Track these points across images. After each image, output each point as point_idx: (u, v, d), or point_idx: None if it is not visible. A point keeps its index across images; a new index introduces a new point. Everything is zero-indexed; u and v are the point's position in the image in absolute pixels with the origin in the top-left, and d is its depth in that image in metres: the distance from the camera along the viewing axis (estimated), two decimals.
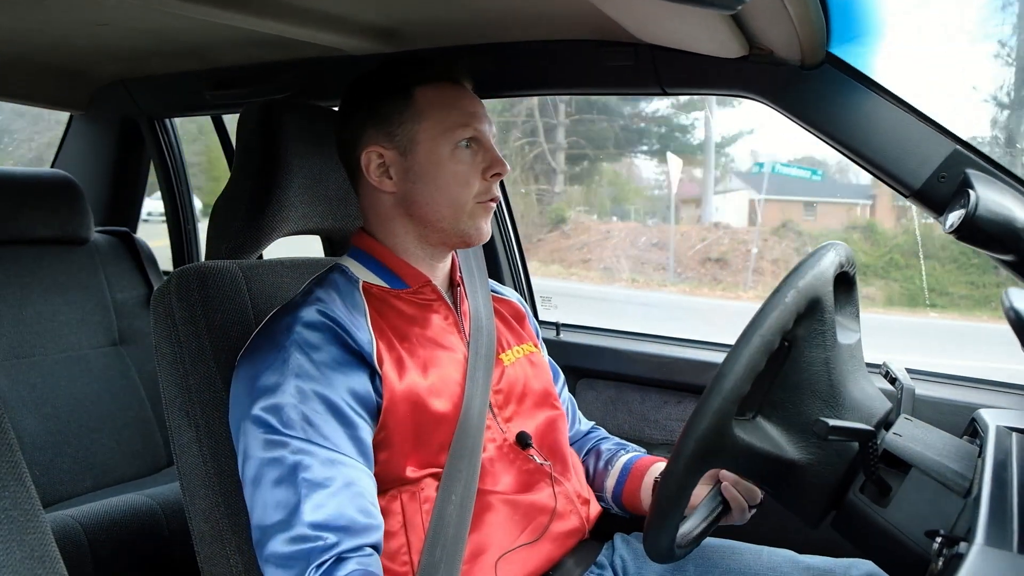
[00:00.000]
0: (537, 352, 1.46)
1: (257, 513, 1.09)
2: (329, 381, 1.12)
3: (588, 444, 1.54)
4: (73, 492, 1.93)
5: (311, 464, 1.07)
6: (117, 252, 2.25)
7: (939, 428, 1.11)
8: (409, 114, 1.25)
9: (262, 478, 1.08)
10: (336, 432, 1.10)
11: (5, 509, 0.71)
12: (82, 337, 2.09)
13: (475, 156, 1.27)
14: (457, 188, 1.25)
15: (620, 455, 1.47)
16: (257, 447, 1.09)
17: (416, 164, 1.25)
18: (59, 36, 1.84)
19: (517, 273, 2.19)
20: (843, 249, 1.10)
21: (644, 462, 1.43)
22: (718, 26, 1.24)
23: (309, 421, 1.09)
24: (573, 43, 1.61)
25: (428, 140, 1.25)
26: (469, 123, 1.25)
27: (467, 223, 1.27)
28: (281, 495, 1.06)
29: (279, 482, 1.07)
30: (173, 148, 2.59)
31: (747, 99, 1.50)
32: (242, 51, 1.89)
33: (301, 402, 1.10)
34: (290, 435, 1.08)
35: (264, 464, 1.08)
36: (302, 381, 1.11)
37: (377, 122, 1.27)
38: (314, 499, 1.05)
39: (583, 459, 1.52)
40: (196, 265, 1.27)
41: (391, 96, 1.27)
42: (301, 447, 1.08)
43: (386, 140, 1.26)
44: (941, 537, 0.86)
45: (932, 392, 1.59)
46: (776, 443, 1.04)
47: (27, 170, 2.14)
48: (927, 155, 1.34)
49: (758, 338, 0.96)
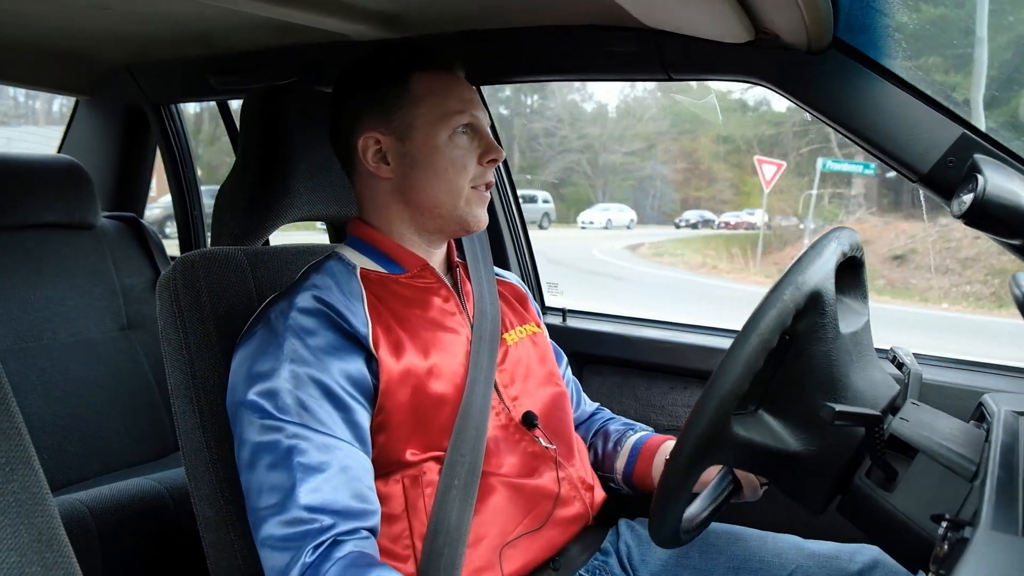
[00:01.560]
0: (540, 332, 1.46)
1: (252, 497, 1.10)
2: (324, 366, 1.12)
3: (595, 425, 1.55)
4: (81, 476, 1.94)
5: (306, 448, 1.08)
6: (124, 237, 2.25)
7: (946, 413, 1.11)
8: (406, 100, 1.26)
9: (257, 462, 1.09)
10: (331, 417, 1.11)
11: (13, 492, 0.71)
12: (90, 322, 2.10)
13: (471, 142, 1.28)
14: (454, 173, 1.26)
15: (629, 435, 1.48)
16: (252, 432, 1.10)
17: (414, 149, 1.26)
18: (64, 20, 1.84)
19: (523, 259, 2.19)
20: (847, 236, 1.10)
21: (654, 441, 1.44)
22: (723, 10, 1.23)
23: (304, 406, 1.10)
24: (577, 28, 1.60)
25: (426, 126, 1.25)
26: (465, 109, 1.26)
27: (464, 209, 1.28)
28: (276, 478, 1.07)
29: (273, 466, 1.08)
30: (178, 134, 2.59)
31: (753, 84, 1.49)
32: (246, 36, 1.89)
33: (296, 387, 1.10)
34: (285, 419, 1.09)
35: (259, 448, 1.09)
36: (297, 366, 1.11)
37: (374, 108, 1.27)
38: (309, 483, 1.06)
39: (590, 440, 1.52)
40: (201, 252, 1.27)
41: (388, 82, 1.27)
42: (296, 431, 1.08)
43: (383, 126, 1.26)
44: (947, 521, 0.86)
45: (939, 377, 1.59)
46: (778, 436, 1.04)
47: (34, 155, 2.14)
48: (935, 140, 1.33)
49: (756, 338, 0.95)
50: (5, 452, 0.72)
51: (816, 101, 1.42)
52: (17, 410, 0.75)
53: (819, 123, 1.43)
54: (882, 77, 1.36)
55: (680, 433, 0.97)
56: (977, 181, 1.22)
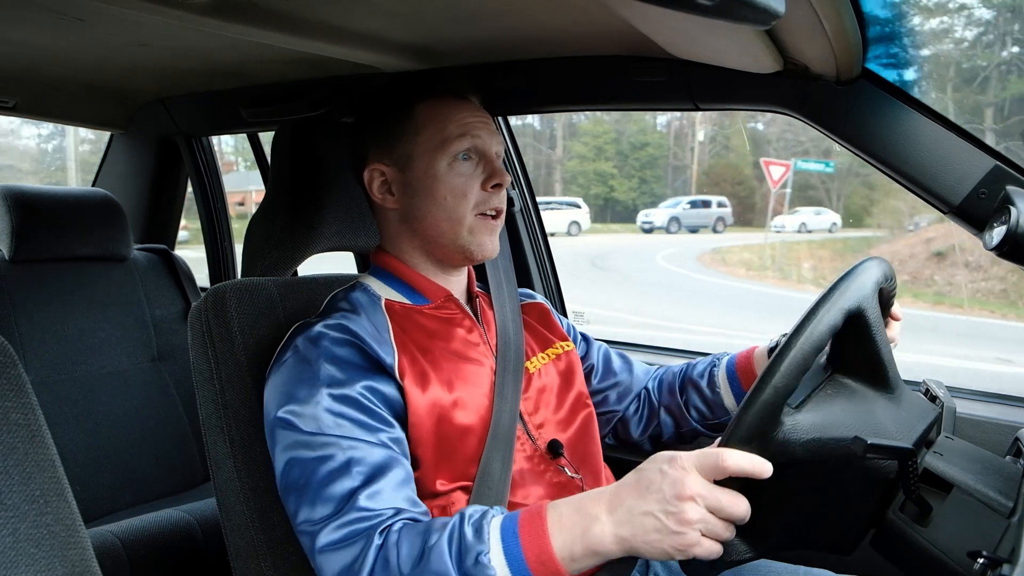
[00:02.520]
0: (563, 352, 1.45)
1: (304, 512, 1.08)
2: (360, 387, 1.13)
3: (674, 381, 1.53)
4: (113, 508, 1.95)
5: (361, 457, 1.07)
6: (156, 269, 2.28)
7: (981, 447, 1.09)
8: (408, 129, 1.27)
9: (310, 479, 1.08)
10: (375, 431, 1.11)
11: (47, 524, 0.72)
12: (122, 353, 2.12)
13: (475, 168, 1.27)
14: (454, 201, 1.25)
15: (716, 372, 1.47)
16: (303, 450, 1.09)
17: (414, 179, 1.26)
18: (102, 58, 1.87)
19: (548, 283, 2.19)
20: (884, 266, 1.09)
21: (744, 357, 1.44)
22: (752, 41, 1.24)
23: (350, 420, 1.10)
24: (605, 59, 1.61)
25: (425, 154, 1.26)
26: (466, 133, 1.26)
27: (467, 238, 1.27)
28: (331, 490, 1.06)
29: (328, 477, 1.07)
30: (210, 166, 2.63)
31: (782, 115, 1.49)
32: (277, 69, 1.92)
33: (338, 404, 1.11)
34: (334, 435, 1.09)
35: (312, 464, 1.08)
36: (335, 389, 1.12)
37: (379, 140, 1.29)
38: (367, 490, 1.05)
39: (682, 399, 1.50)
40: (232, 282, 1.28)
41: (392, 113, 1.28)
42: (349, 444, 1.08)
43: (387, 157, 1.28)
44: (984, 558, 0.84)
45: (974, 411, 1.56)
46: None
47: (69, 189, 2.18)
48: (966, 171, 1.32)
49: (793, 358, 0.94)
50: (40, 484, 0.72)
51: (845, 132, 1.41)
52: (51, 442, 0.76)
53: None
54: (912, 108, 1.36)
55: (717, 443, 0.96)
56: (1010, 213, 1.20)
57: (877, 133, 1.38)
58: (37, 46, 1.76)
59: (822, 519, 1.06)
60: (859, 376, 1.08)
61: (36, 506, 0.71)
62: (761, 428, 0.94)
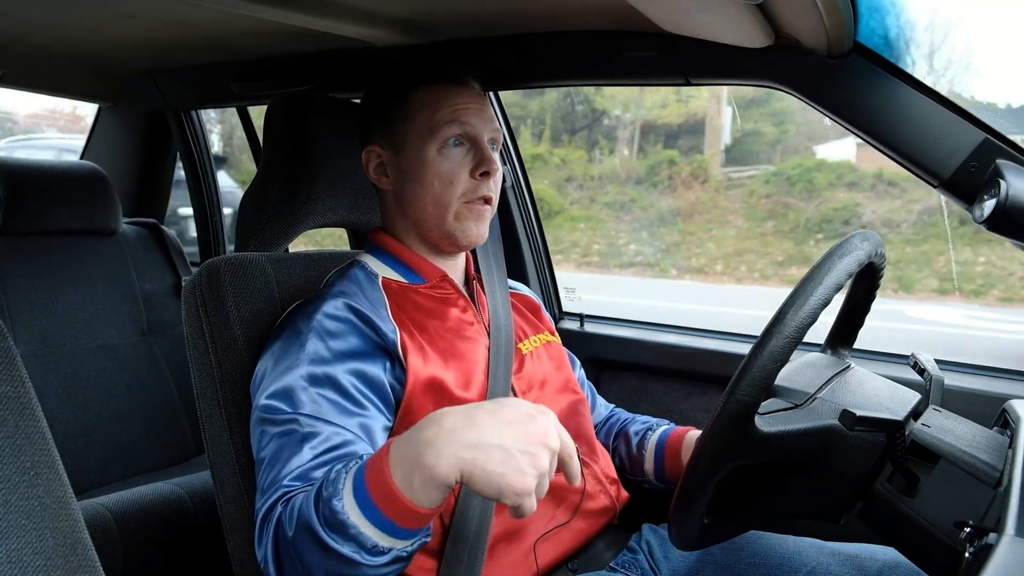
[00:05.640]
0: (554, 341, 1.47)
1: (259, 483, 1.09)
2: (343, 368, 1.13)
3: (613, 428, 1.55)
4: (103, 480, 1.96)
5: (318, 437, 1.07)
6: (145, 243, 2.27)
7: (969, 419, 1.10)
8: (404, 114, 1.28)
9: (279, 454, 1.07)
10: (344, 417, 1.10)
11: (38, 496, 0.71)
12: (111, 327, 2.12)
13: (465, 154, 1.28)
14: (441, 187, 1.26)
15: (649, 436, 1.48)
16: (270, 427, 1.10)
17: (406, 163, 1.28)
18: (90, 29, 1.86)
19: (542, 270, 2.19)
20: (873, 241, 1.09)
21: (676, 436, 1.44)
22: (743, 15, 1.23)
23: (318, 402, 1.10)
24: (596, 33, 1.60)
25: (417, 139, 1.27)
26: (456, 119, 1.26)
27: (452, 224, 1.29)
28: (290, 464, 1.06)
29: (285, 450, 1.07)
30: (199, 140, 2.61)
31: (773, 89, 1.49)
32: (267, 43, 1.90)
33: (312, 385, 1.11)
34: (300, 413, 1.08)
35: (274, 440, 1.08)
36: (315, 366, 1.12)
37: (379, 123, 1.31)
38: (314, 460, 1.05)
39: (612, 445, 1.52)
40: (225, 257, 1.28)
41: (392, 98, 1.30)
42: (311, 424, 1.08)
43: (384, 140, 1.30)
44: (970, 528, 0.85)
45: (962, 382, 1.57)
46: (803, 432, 1.03)
47: (56, 162, 2.16)
48: (956, 144, 1.32)
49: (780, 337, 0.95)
50: (30, 457, 0.72)
51: (836, 106, 1.41)
52: (42, 415, 0.76)
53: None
54: (903, 82, 1.35)
55: (699, 437, 0.97)
56: (1000, 186, 1.20)
57: (867, 107, 1.38)
58: (25, 18, 1.74)
59: (810, 491, 1.08)
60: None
61: (26, 478, 0.71)
62: (766, 384, 0.95)
